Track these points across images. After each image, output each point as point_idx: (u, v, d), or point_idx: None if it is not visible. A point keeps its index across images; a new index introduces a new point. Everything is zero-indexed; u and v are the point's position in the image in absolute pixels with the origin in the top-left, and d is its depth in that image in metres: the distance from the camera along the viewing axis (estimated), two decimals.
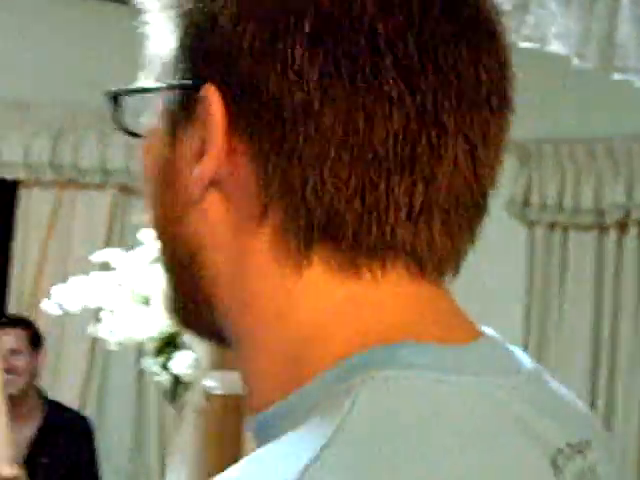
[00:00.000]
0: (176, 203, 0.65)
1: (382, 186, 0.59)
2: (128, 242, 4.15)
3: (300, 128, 0.59)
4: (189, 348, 1.68)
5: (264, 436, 0.61)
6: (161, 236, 0.69)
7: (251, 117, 0.60)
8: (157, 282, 1.86)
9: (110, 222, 4.45)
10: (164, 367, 1.97)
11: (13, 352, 3.78)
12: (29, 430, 3.83)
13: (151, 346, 1.88)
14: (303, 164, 0.59)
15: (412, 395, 0.58)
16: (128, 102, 0.68)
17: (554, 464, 0.61)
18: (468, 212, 0.64)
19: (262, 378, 0.64)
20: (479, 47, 0.62)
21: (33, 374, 3.86)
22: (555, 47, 2.23)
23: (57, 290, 2.00)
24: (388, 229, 0.60)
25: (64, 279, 4.22)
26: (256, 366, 0.65)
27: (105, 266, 2.06)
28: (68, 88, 4.31)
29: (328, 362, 0.60)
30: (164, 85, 0.65)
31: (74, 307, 1.99)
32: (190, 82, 0.63)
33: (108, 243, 4.34)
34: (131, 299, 1.90)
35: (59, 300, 2.00)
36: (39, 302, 4.33)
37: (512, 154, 4.20)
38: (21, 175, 4.35)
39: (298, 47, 0.59)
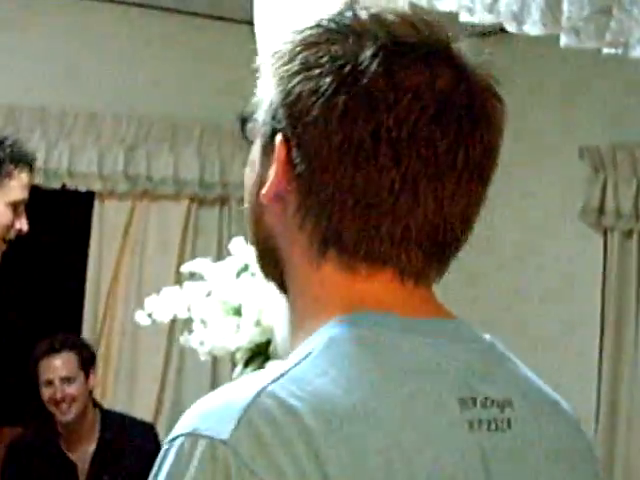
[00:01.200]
0: (260, 205, 0.99)
1: (372, 222, 0.92)
2: (200, 251, 4.23)
3: (325, 178, 0.92)
4: (279, 358, 1.69)
5: None
6: (253, 228, 1.02)
7: (299, 163, 0.93)
8: (247, 292, 1.87)
9: (183, 232, 4.49)
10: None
11: (64, 380, 3.74)
12: (89, 447, 3.82)
13: (240, 356, 1.89)
14: (323, 202, 0.92)
15: (364, 340, 0.90)
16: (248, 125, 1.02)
17: (463, 403, 0.91)
18: (440, 243, 0.94)
19: (296, 330, 0.99)
20: (462, 136, 0.92)
21: (87, 396, 3.82)
22: (638, 53, 2.21)
23: (149, 301, 2.02)
24: (377, 250, 0.92)
25: (138, 288, 4.32)
26: (293, 320, 1.00)
27: (191, 276, 2.08)
28: (142, 101, 4.37)
29: (321, 322, 0.93)
30: (264, 125, 0.97)
31: (165, 317, 2.01)
32: (273, 129, 0.96)
33: (181, 252, 4.39)
34: (221, 309, 1.92)
35: (150, 311, 2.02)
36: (114, 311, 4.43)
37: (586, 161, 4.16)
38: (96, 186, 4.41)
39: (334, 121, 0.91)
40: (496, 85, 0.98)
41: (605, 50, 2.19)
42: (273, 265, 1.01)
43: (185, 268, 2.04)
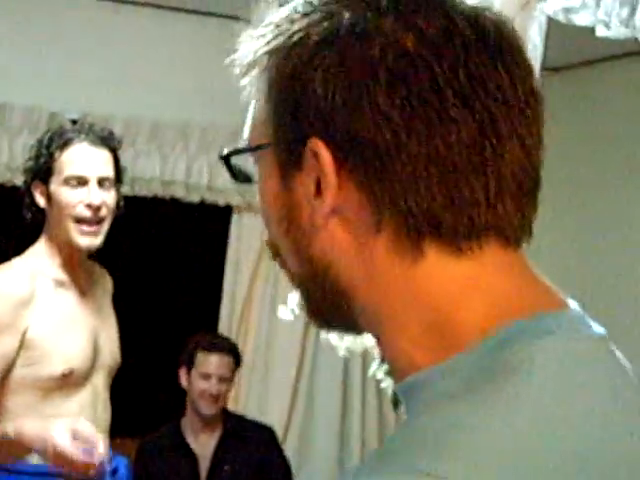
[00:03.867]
0: (303, 232, 0.83)
1: (464, 188, 0.78)
2: None
3: (395, 158, 0.77)
4: None
5: (416, 395, 0.78)
6: (293, 261, 0.86)
7: (353, 158, 0.78)
8: None
9: None
10: (389, 373, 2.03)
11: (222, 379, 3.91)
12: (212, 440, 3.98)
13: (377, 353, 1.93)
14: (403, 185, 0.78)
15: (569, 355, 0.76)
16: (239, 158, 0.89)
17: None
18: (529, 189, 0.81)
19: (404, 350, 0.81)
20: (510, 64, 0.80)
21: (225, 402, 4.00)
22: None
23: (292, 297, 2.08)
24: (476, 217, 0.78)
25: (273, 300, 4.40)
26: (399, 341, 0.81)
27: None
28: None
29: (474, 333, 0.77)
30: (270, 143, 0.83)
31: None
32: (296, 138, 0.81)
33: None
34: None
35: (292, 306, 2.09)
36: (248, 323, 4.53)
37: None
38: (234, 201, 4.53)
39: (380, 97, 0.77)
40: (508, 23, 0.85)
41: None
42: (332, 302, 0.85)
43: None
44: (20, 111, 4.16)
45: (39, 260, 2.80)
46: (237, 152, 0.89)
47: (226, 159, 0.88)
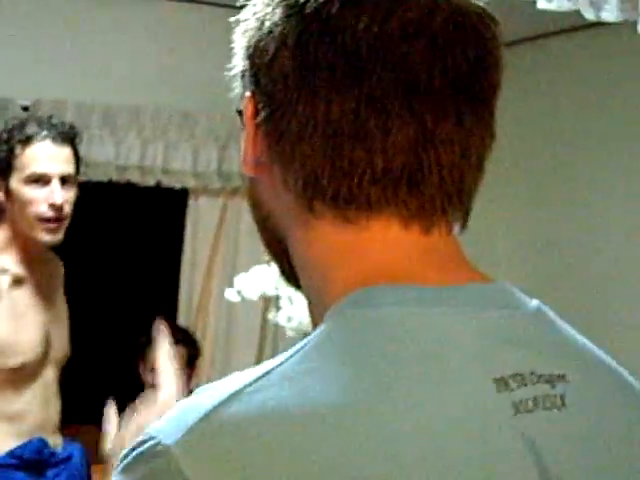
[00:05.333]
0: (251, 183, 0.91)
1: (345, 157, 0.80)
2: None
3: (288, 115, 0.82)
4: None
5: None
6: (252, 214, 0.93)
7: (262, 112, 0.85)
8: None
9: None
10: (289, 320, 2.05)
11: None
12: None
13: None
14: (294, 144, 0.82)
15: (367, 326, 0.77)
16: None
17: (502, 383, 0.76)
18: (435, 181, 0.81)
19: (312, 315, 0.87)
20: (436, 49, 0.80)
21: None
22: None
23: (239, 279, 2.09)
24: (355, 188, 0.81)
25: (231, 282, 4.39)
26: (307, 296, 0.88)
27: None
28: (234, 98, 4.45)
29: (332, 300, 0.81)
30: (240, 99, 0.90)
31: (253, 295, 2.08)
32: (244, 93, 0.89)
33: None
34: None
35: (240, 288, 2.09)
36: (208, 305, 4.52)
37: None
38: (190, 184, 4.51)
39: (285, 58, 0.82)
40: (483, 6, 0.86)
41: None
42: (280, 252, 0.91)
43: None
44: None
45: None
46: (239, 110, 0.92)
47: (240, 114, 0.92)
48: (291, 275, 0.91)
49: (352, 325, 0.78)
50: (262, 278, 2.05)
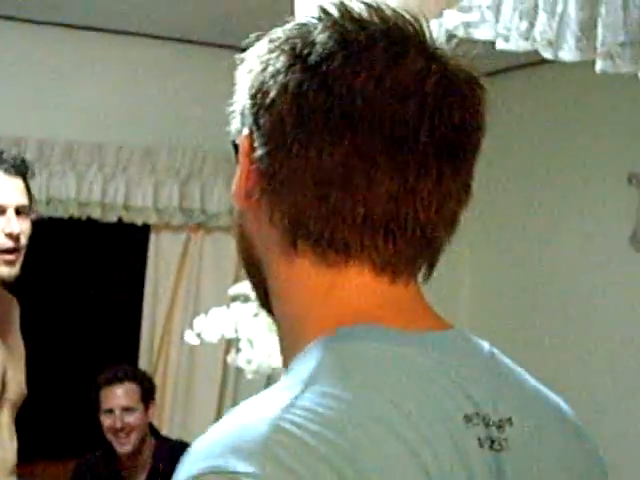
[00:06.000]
0: (239, 212, 0.96)
1: (332, 203, 0.86)
2: None
3: (281, 157, 0.88)
4: None
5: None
6: (237, 244, 0.98)
7: (257, 150, 0.90)
8: None
9: (238, 263, 4.54)
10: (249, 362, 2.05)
11: (125, 410, 3.79)
12: (142, 476, 3.87)
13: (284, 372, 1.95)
14: (284, 184, 0.88)
15: (356, 356, 0.85)
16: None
17: (468, 419, 0.85)
18: (410, 234, 0.88)
19: (285, 352, 0.93)
20: (426, 110, 0.86)
21: (146, 427, 3.87)
22: None
23: (198, 321, 2.09)
24: (338, 234, 0.87)
25: (194, 318, 4.36)
26: (281, 340, 0.95)
27: (239, 298, 2.14)
28: (195, 134, 4.46)
29: (310, 338, 0.87)
30: (238, 133, 0.94)
31: (213, 337, 2.07)
32: (239, 129, 0.93)
33: (236, 283, 4.45)
34: (267, 329, 1.98)
35: (199, 330, 2.09)
36: (170, 341, 4.50)
37: (635, 186, 4.17)
38: (152, 219, 4.50)
39: (284, 104, 0.88)
40: (475, 73, 0.92)
41: None
42: (259, 282, 0.96)
43: (232, 291, 2.10)
44: None
45: None
46: (234, 143, 0.97)
47: (235, 148, 0.96)
48: (266, 303, 0.97)
49: (345, 356, 0.85)
50: (221, 320, 2.05)
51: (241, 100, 0.95)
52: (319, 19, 0.92)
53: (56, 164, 4.28)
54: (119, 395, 3.81)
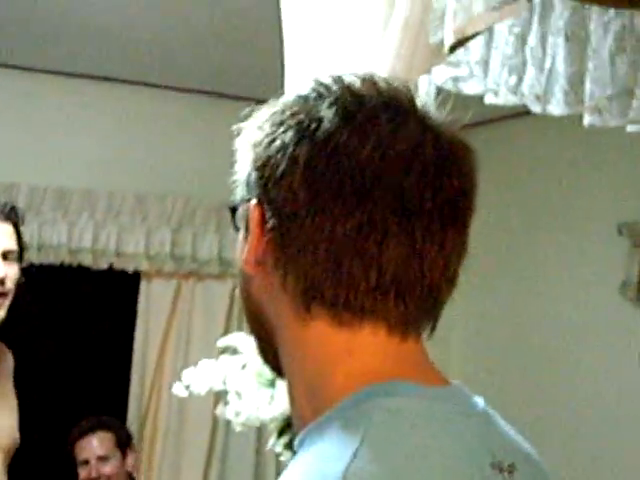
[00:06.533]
0: (245, 279, 1.01)
1: (345, 269, 0.92)
2: (246, 328, 4.24)
3: (295, 229, 0.93)
4: None
5: (301, 448, 0.92)
6: (243, 303, 1.03)
7: (270, 221, 0.95)
8: None
9: (228, 310, 4.55)
10: (287, 447, 2.05)
11: (100, 459, 3.77)
12: None
13: (274, 427, 1.94)
14: (298, 252, 0.92)
15: (407, 415, 0.89)
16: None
17: (495, 465, 0.92)
18: (419, 294, 0.94)
19: (298, 407, 0.97)
20: (428, 178, 0.93)
21: (124, 476, 3.84)
22: None
23: (186, 373, 2.08)
24: (352, 297, 0.92)
25: (185, 365, 4.35)
26: (297, 396, 0.97)
27: (228, 350, 2.14)
28: (187, 182, 4.48)
29: (338, 395, 0.91)
30: (242, 201, 1.00)
31: (201, 389, 2.07)
32: (245, 199, 0.98)
33: (226, 330, 4.44)
34: (256, 381, 1.97)
35: (188, 382, 2.09)
36: (160, 389, 4.47)
37: (625, 237, 4.19)
38: (143, 266, 4.49)
39: (296, 180, 0.93)
40: (463, 137, 0.99)
41: (629, 128, 2.24)
42: (267, 343, 1.01)
43: (221, 342, 2.11)
44: None
45: None
46: (234, 208, 1.03)
47: (232, 212, 1.03)
48: (275, 364, 1.01)
49: (389, 414, 0.89)
50: (210, 373, 2.05)
51: (244, 171, 0.99)
52: (319, 94, 0.97)
53: (48, 211, 4.28)
54: (93, 445, 3.79)
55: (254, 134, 0.99)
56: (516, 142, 4.74)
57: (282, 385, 1.91)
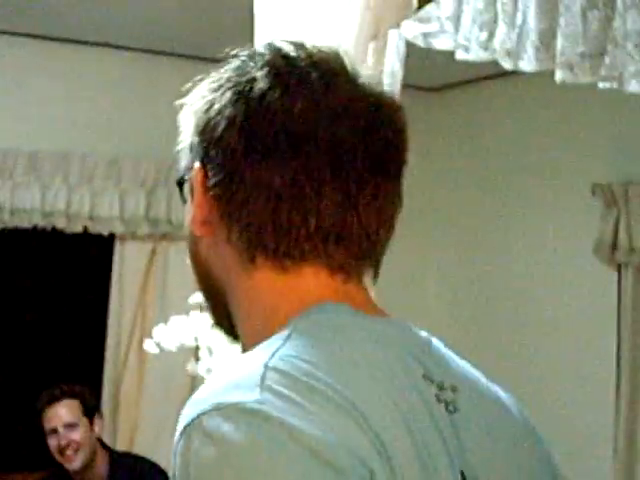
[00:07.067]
0: (193, 240, 1.05)
1: (285, 218, 0.96)
2: None
3: (235, 182, 0.98)
4: None
5: None
6: (193, 269, 1.07)
7: (211, 179, 1.00)
8: None
9: None
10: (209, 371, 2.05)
11: (68, 427, 3.77)
12: None
13: None
14: (240, 206, 0.98)
15: (336, 324, 0.96)
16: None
17: (427, 379, 0.95)
18: (356, 240, 0.99)
19: (250, 341, 0.97)
20: (360, 132, 0.99)
21: (94, 442, 3.85)
22: (633, 87, 2.26)
23: (157, 330, 2.08)
24: (292, 243, 0.97)
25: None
26: (247, 337, 1.01)
27: (200, 308, 2.14)
28: (160, 145, 4.45)
29: (277, 327, 0.95)
30: (186, 169, 1.05)
31: (172, 346, 2.07)
32: (190, 164, 1.03)
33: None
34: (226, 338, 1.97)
35: (158, 339, 2.09)
36: (135, 353, 4.47)
37: (599, 197, 4.21)
38: (117, 229, 4.48)
39: (233, 136, 0.98)
40: (392, 95, 1.06)
41: (600, 85, 2.24)
42: (219, 303, 1.05)
43: (192, 299, 2.10)
44: None
45: None
46: (181, 179, 1.07)
47: (179, 185, 1.07)
48: (228, 327, 1.06)
49: (319, 321, 0.96)
50: (181, 329, 2.05)
51: (187, 139, 1.05)
52: (252, 59, 1.03)
53: (21, 174, 4.26)
54: (60, 413, 3.78)
55: (196, 103, 1.04)
56: (492, 103, 4.74)
57: None
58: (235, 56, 1.06)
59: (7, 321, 3.16)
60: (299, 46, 1.04)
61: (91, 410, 3.88)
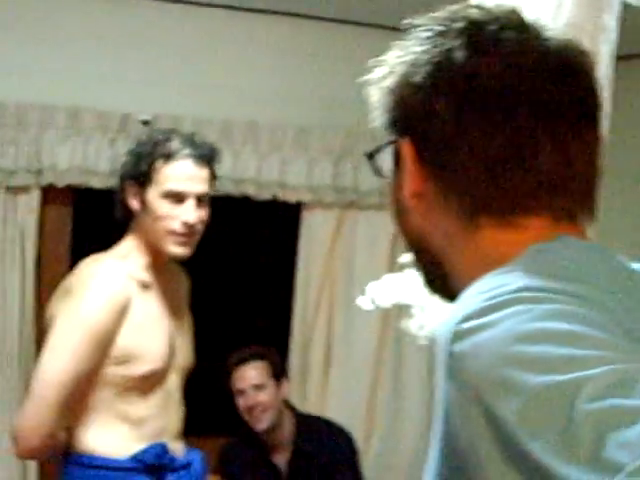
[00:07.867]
0: (404, 211, 1.10)
1: (506, 179, 1.00)
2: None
3: (453, 154, 1.02)
4: None
5: None
6: (404, 234, 1.12)
7: (426, 153, 1.05)
8: None
9: (392, 241, 4.55)
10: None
11: (256, 388, 3.87)
12: (286, 454, 3.94)
13: None
14: (459, 175, 1.02)
15: (563, 246, 0.99)
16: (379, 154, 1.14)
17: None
18: (575, 187, 1.03)
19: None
20: (563, 84, 1.02)
21: (280, 404, 3.93)
22: None
23: (370, 287, 2.11)
24: (515, 201, 1.01)
25: (346, 297, 4.39)
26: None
27: (410, 266, 2.15)
28: (348, 114, 4.48)
29: None
30: (388, 143, 1.10)
31: (386, 303, 2.10)
32: (395, 140, 1.08)
33: (390, 260, 4.44)
34: None
35: (372, 296, 2.11)
36: (322, 318, 4.52)
37: None
38: (305, 198, 4.53)
39: (443, 109, 1.02)
40: (577, 44, 1.08)
41: None
42: (432, 265, 1.10)
43: (404, 258, 2.11)
44: (92, 114, 4.20)
45: (128, 261, 2.84)
46: (374, 152, 1.13)
47: (370, 157, 1.13)
48: (443, 289, 1.11)
49: (541, 252, 0.98)
50: (395, 286, 2.07)
51: (386, 113, 1.09)
52: (443, 30, 1.06)
53: (213, 142, 4.33)
54: (248, 375, 3.89)
55: (393, 78, 1.08)
56: None
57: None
58: (418, 26, 1.09)
59: (199, 286, 3.24)
60: (482, 8, 1.08)
61: (278, 372, 3.97)
